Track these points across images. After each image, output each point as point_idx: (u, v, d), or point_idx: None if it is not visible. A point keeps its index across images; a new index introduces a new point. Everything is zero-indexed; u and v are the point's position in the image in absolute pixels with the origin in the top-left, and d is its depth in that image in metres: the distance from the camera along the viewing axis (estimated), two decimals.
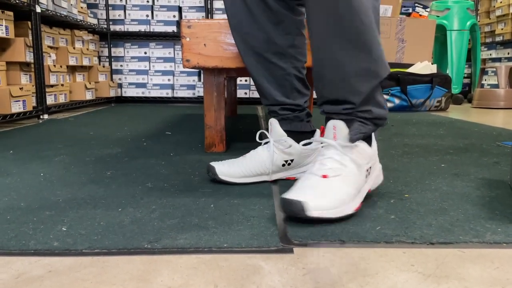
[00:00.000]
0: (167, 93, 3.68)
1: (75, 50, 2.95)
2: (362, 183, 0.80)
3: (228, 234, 0.68)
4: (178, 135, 1.78)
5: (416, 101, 2.87)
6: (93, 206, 0.83)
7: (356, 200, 0.77)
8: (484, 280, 0.55)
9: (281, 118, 1.02)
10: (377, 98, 0.82)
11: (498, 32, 3.82)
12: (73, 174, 1.09)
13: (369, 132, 0.82)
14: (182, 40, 1.25)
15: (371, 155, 0.82)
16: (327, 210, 0.72)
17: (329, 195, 0.73)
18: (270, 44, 0.98)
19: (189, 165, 1.19)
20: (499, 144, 1.55)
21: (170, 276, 0.56)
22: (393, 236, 0.68)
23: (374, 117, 0.82)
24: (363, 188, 0.80)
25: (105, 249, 0.63)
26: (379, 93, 0.82)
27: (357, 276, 0.56)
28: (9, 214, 0.78)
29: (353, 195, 0.76)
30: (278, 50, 0.98)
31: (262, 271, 0.57)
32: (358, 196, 0.78)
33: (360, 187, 0.79)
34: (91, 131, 1.90)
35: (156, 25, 3.58)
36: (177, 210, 0.80)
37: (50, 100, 2.63)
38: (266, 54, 0.99)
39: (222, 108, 1.37)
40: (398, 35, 3.15)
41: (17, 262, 0.60)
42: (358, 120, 0.81)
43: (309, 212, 0.70)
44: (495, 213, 0.79)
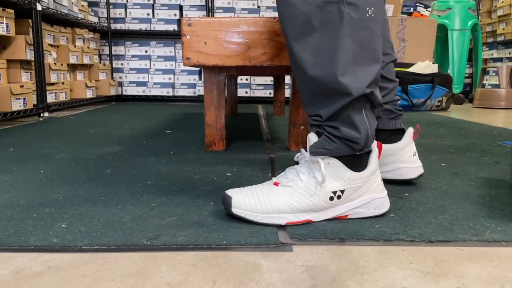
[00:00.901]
0: (167, 92, 3.68)
1: (75, 48, 2.95)
2: (317, 203, 0.73)
3: (227, 232, 0.68)
4: (178, 133, 1.78)
5: (417, 101, 2.86)
6: (92, 203, 0.83)
7: (297, 216, 0.72)
8: (482, 278, 0.55)
9: None
10: (350, 117, 0.72)
11: (500, 32, 3.82)
12: (73, 171, 1.09)
13: (336, 152, 0.73)
14: (183, 38, 1.25)
15: (352, 178, 0.74)
16: (252, 213, 0.72)
17: (262, 200, 0.73)
18: None
19: (189, 163, 1.19)
20: (499, 143, 1.55)
21: (169, 273, 0.56)
22: (392, 234, 0.68)
23: (342, 137, 0.72)
24: (325, 212, 0.74)
25: (104, 245, 0.63)
26: (354, 113, 0.72)
27: (356, 274, 0.56)
28: (9, 210, 0.78)
29: (296, 210, 0.72)
30: None
31: (261, 268, 0.57)
32: (306, 214, 0.73)
33: (314, 207, 0.73)
34: (91, 129, 1.90)
35: (157, 23, 3.58)
36: (176, 207, 0.81)
37: (51, 98, 2.63)
38: None
39: (223, 106, 1.37)
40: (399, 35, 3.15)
41: (16, 258, 0.60)
42: (325, 134, 0.74)
43: (233, 209, 0.73)
44: (494, 212, 0.79)
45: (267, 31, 1.24)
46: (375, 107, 0.75)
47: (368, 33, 0.70)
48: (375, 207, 0.76)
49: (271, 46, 1.25)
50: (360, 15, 0.69)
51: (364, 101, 0.73)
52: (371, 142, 0.75)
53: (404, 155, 0.94)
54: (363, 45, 0.71)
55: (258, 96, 3.66)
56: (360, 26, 0.70)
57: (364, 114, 0.73)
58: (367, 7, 0.70)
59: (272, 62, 1.25)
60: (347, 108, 0.72)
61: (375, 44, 0.72)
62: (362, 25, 0.70)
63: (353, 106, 0.72)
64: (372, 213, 0.76)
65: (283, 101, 2.58)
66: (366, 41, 0.71)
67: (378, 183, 0.77)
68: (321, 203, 0.73)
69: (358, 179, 0.74)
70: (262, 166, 1.16)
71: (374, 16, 0.70)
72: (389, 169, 0.96)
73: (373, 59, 0.72)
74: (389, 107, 0.97)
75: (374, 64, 0.72)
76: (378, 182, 0.77)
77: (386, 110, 0.97)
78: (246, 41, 1.25)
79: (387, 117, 0.97)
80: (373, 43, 0.71)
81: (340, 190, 0.74)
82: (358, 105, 0.72)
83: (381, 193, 0.77)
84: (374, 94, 0.72)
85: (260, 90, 3.65)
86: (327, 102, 0.73)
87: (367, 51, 0.71)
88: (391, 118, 0.97)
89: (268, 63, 1.25)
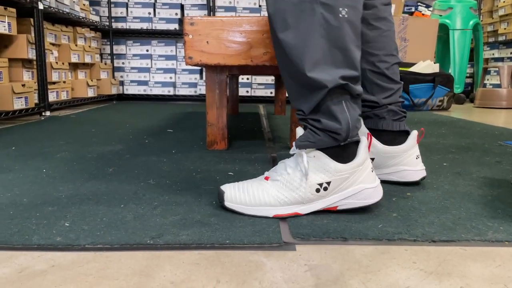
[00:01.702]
0: (168, 91, 3.68)
1: (77, 47, 2.95)
2: (304, 196, 0.74)
3: (230, 231, 0.69)
4: (180, 132, 1.78)
5: (418, 100, 2.86)
6: (95, 202, 0.83)
7: (285, 209, 0.75)
8: (485, 278, 0.55)
9: (363, 116, 1.00)
10: (329, 109, 0.74)
11: (501, 31, 3.81)
12: (75, 170, 1.09)
13: (320, 144, 0.75)
14: (185, 38, 1.25)
15: (338, 169, 0.75)
16: (242, 206, 0.76)
17: (251, 194, 0.76)
18: None
19: (190, 162, 1.19)
20: (501, 143, 1.55)
21: (172, 272, 0.56)
22: (395, 233, 0.68)
23: (324, 128, 0.74)
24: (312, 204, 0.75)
25: (107, 244, 0.63)
26: (334, 105, 0.74)
27: (359, 273, 0.56)
28: (12, 209, 0.78)
29: (283, 202, 0.74)
30: None
31: (264, 268, 0.57)
32: (293, 207, 0.75)
33: (301, 199, 0.75)
34: (93, 128, 1.90)
35: (158, 22, 3.58)
36: (179, 206, 0.81)
37: (52, 97, 2.63)
38: None
39: (224, 105, 1.37)
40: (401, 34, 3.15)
41: (20, 257, 0.60)
42: (309, 127, 0.76)
43: (226, 203, 0.77)
44: (497, 211, 0.79)
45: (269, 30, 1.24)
46: (355, 97, 0.76)
47: (340, 33, 0.72)
48: (365, 197, 0.77)
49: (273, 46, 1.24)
50: (333, 15, 0.71)
51: (342, 93, 0.74)
52: (354, 132, 0.76)
53: (408, 157, 0.94)
54: (336, 45, 0.72)
55: (259, 95, 3.65)
56: (333, 26, 0.71)
57: (344, 105, 0.75)
58: (341, 7, 0.71)
59: (274, 62, 1.25)
60: (325, 100, 0.74)
61: (349, 44, 0.73)
62: (335, 25, 0.71)
63: (332, 98, 0.74)
64: (362, 204, 0.77)
65: (284, 101, 2.58)
66: (338, 41, 0.72)
67: (368, 173, 0.77)
68: (308, 195, 0.75)
69: (345, 170, 0.75)
70: (264, 165, 1.16)
71: (347, 17, 0.72)
72: (392, 171, 0.96)
73: (346, 59, 0.73)
74: (393, 108, 0.97)
75: (349, 64, 0.73)
76: (367, 172, 0.77)
77: (390, 111, 0.97)
78: (248, 40, 1.25)
79: (392, 118, 0.97)
80: (346, 43, 0.72)
81: (326, 182, 0.75)
82: (336, 96, 0.74)
83: (371, 183, 0.77)
84: (351, 86, 0.74)
85: (261, 89, 3.65)
86: (307, 96, 0.75)
87: (340, 51, 0.72)
88: (395, 120, 0.97)
89: (270, 62, 1.25)
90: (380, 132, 0.97)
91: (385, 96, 0.97)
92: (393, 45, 0.97)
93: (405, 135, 0.97)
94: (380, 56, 0.96)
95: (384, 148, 0.95)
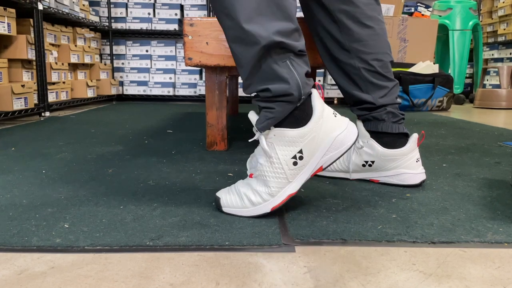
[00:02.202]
0: (168, 91, 3.68)
1: (76, 47, 2.95)
2: (287, 175, 0.74)
3: (229, 232, 0.69)
4: (180, 133, 1.78)
5: (418, 101, 2.86)
6: (95, 203, 0.83)
7: (278, 198, 0.74)
8: (485, 279, 0.55)
9: (363, 119, 1.00)
10: (274, 71, 0.72)
11: (501, 32, 3.82)
12: (75, 171, 1.09)
13: (279, 115, 0.73)
14: (185, 38, 1.25)
15: (301, 134, 0.74)
16: (239, 209, 0.76)
17: (244, 195, 0.76)
18: (335, 42, 0.97)
19: (190, 163, 1.19)
20: (500, 144, 1.55)
21: (172, 273, 0.56)
22: (394, 235, 0.68)
23: (276, 95, 0.72)
24: (298, 176, 0.75)
25: (107, 246, 0.63)
26: (277, 65, 0.71)
27: (359, 275, 0.56)
28: (11, 211, 0.78)
29: (274, 192, 0.74)
30: (342, 47, 0.97)
31: (264, 269, 0.57)
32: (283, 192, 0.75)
33: (286, 180, 0.74)
34: (93, 129, 1.90)
35: (157, 23, 3.58)
36: (178, 207, 0.81)
37: (52, 98, 2.63)
38: (335, 53, 0.98)
39: (224, 106, 1.37)
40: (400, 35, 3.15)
41: (19, 259, 0.60)
42: (262, 105, 0.75)
43: (224, 209, 0.78)
44: (496, 213, 0.79)
45: None
46: (298, 54, 0.74)
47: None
48: (341, 143, 0.75)
49: None
50: None
51: (283, 52, 0.72)
52: (306, 89, 0.74)
53: (408, 160, 0.95)
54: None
55: None
56: None
57: (289, 63, 0.73)
58: None
59: None
60: (266, 61, 0.72)
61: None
62: None
63: (274, 59, 0.72)
64: (341, 151, 0.76)
65: None
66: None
67: (332, 120, 0.76)
68: (289, 172, 0.74)
69: (308, 131, 0.74)
70: None
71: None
72: (392, 174, 0.96)
73: (282, 11, 0.71)
74: (391, 109, 0.97)
75: (284, 16, 0.71)
76: (331, 120, 0.76)
77: (389, 113, 0.97)
78: None
79: (391, 120, 0.97)
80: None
81: (297, 152, 0.74)
82: (278, 56, 0.72)
83: (340, 127, 0.76)
84: (288, 43, 0.71)
85: None
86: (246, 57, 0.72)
87: (273, 2, 0.70)
88: (395, 122, 0.97)
89: None
90: (380, 135, 0.97)
91: (381, 95, 0.96)
92: (385, 43, 0.97)
93: (405, 138, 0.97)
94: (373, 54, 0.96)
95: (384, 151, 0.95)
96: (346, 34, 0.95)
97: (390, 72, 0.98)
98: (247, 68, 0.74)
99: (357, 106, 1.00)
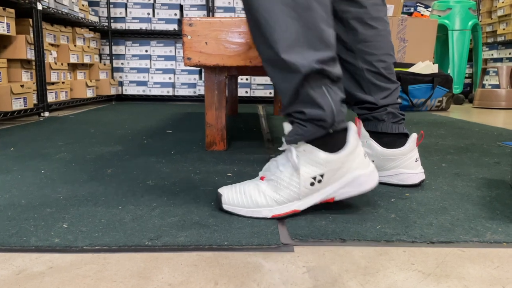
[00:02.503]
0: (167, 91, 3.68)
1: (76, 47, 2.95)
2: (299, 191, 0.74)
3: (228, 232, 0.68)
4: (179, 133, 1.78)
5: (417, 101, 2.86)
6: (93, 203, 0.83)
7: (282, 208, 0.75)
8: (484, 279, 0.55)
9: (363, 118, 1.00)
10: (310, 96, 0.72)
11: (500, 32, 3.82)
12: (74, 171, 1.09)
13: (309, 135, 0.74)
14: (184, 38, 1.25)
15: (329, 160, 0.74)
16: (240, 208, 0.76)
17: (248, 195, 0.76)
18: (339, 42, 0.97)
19: (189, 163, 1.19)
20: (499, 144, 1.55)
21: (170, 273, 0.56)
22: (393, 235, 0.68)
23: (310, 119, 0.73)
24: (308, 198, 0.75)
25: (106, 246, 0.63)
26: (313, 91, 0.72)
27: (357, 275, 0.56)
28: (10, 211, 0.78)
29: (280, 202, 0.75)
30: (347, 47, 0.97)
31: (263, 269, 0.57)
32: (290, 205, 0.75)
33: (296, 195, 0.74)
34: (92, 129, 1.90)
35: (157, 23, 3.58)
36: (177, 208, 0.81)
37: (51, 98, 2.63)
38: (339, 54, 0.98)
39: (223, 106, 1.37)
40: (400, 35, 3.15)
41: (18, 259, 0.60)
42: (296, 121, 0.75)
43: (224, 205, 0.77)
44: (495, 212, 0.79)
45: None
46: (335, 81, 0.75)
47: (310, 13, 0.70)
48: (360, 184, 0.76)
49: None
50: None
51: (320, 78, 0.72)
52: (340, 116, 0.75)
53: (407, 160, 0.95)
54: (307, 26, 0.70)
55: (259, 95, 3.66)
56: (300, 7, 0.70)
57: (325, 90, 0.73)
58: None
59: None
60: (304, 87, 0.72)
61: (320, 24, 0.71)
62: (303, 5, 0.70)
63: (310, 85, 0.72)
64: (358, 191, 0.76)
65: None
66: (309, 22, 0.70)
67: (361, 160, 0.76)
68: (303, 190, 0.75)
69: (336, 160, 0.74)
70: (262, 166, 1.16)
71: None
72: (391, 174, 0.96)
73: (321, 39, 0.71)
74: (392, 110, 0.97)
75: (323, 44, 0.72)
76: (360, 159, 0.76)
77: (389, 113, 0.97)
78: (247, 41, 1.24)
79: (391, 121, 0.97)
80: (317, 23, 0.71)
81: (319, 174, 0.74)
82: (315, 82, 0.72)
83: (365, 169, 0.76)
84: (328, 70, 0.72)
85: (260, 89, 3.65)
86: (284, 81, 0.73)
87: (312, 31, 0.70)
88: (395, 122, 0.97)
89: None
90: (380, 135, 0.97)
91: (383, 96, 0.96)
92: (389, 44, 0.97)
93: (404, 138, 0.97)
94: (377, 55, 0.96)
95: (384, 151, 0.95)
96: (351, 34, 0.95)
97: (393, 74, 0.98)
98: (286, 94, 0.74)
99: (358, 105, 1.00)
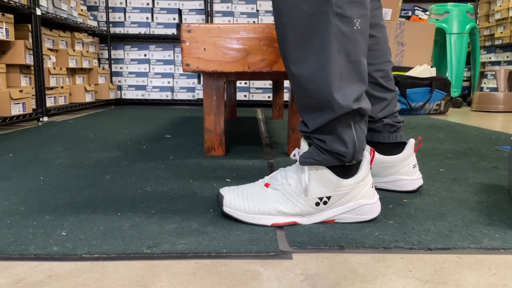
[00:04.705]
0: (166, 96, 3.68)
1: (75, 52, 2.95)
2: (303, 208, 0.74)
3: (227, 239, 0.69)
4: (178, 138, 1.78)
5: (416, 105, 2.87)
6: (92, 210, 0.83)
7: (283, 218, 0.75)
8: (481, 286, 0.55)
9: None
10: (337, 131, 0.72)
11: (498, 35, 3.83)
12: (73, 177, 1.09)
13: (324, 162, 0.73)
14: (182, 45, 1.26)
15: (339, 184, 0.74)
16: (241, 212, 0.76)
17: (251, 201, 0.76)
18: None
19: (188, 169, 1.19)
20: (497, 148, 1.55)
21: (169, 282, 0.56)
22: (391, 241, 0.68)
23: (331, 150, 0.73)
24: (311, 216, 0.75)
25: (104, 254, 0.64)
26: (342, 127, 0.72)
27: (356, 282, 0.56)
28: (9, 218, 0.78)
29: (282, 213, 0.74)
30: None
31: (261, 277, 0.57)
32: (292, 217, 0.75)
33: (300, 212, 0.75)
34: (91, 134, 1.90)
35: (156, 27, 3.58)
36: (176, 214, 0.81)
37: (50, 103, 2.63)
38: None
39: (222, 112, 1.37)
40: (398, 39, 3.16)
41: (17, 267, 0.60)
42: (314, 145, 0.75)
43: (224, 208, 0.77)
44: (493, 218, 0.79)
45: (266, 37, 1.25)
46: (364, 116, 0.74)
47: (354, 46, 0.69)
48: (362, 213, 0.76)
49: (270, 52, 1.25)
50: (349, 27, 0.68)
51: (353, 115, 0.72)
52: (360, 154, 0.75)
53: (405, 167, 0.95)
54: (349, 59, 0.69)
55: (257, 99, 3.66)
56: (347, 39, 0.68)
57: (352, 127, 0.73)
58: (355, 19, 0.68)
59: (271, 68, 1.26)
60: (333, 122, 0.71)
61: (361, 57, 0.70)
62: (349, 38, 0.68)
63: (341, 121, 0.71)
64: (358, 219, 0.77)
65: (282, 105, 2.59)
66: (352, 55, 0.69)
67: (368, 189, 0.77)
68: (307, 208, 0.75)
69: (346, 186, 0.75)
70: (261, 172, 1.16)
71: (360, 28, 0.69)
72: (389, 180, 0.96)
73: (358, 73, 0.71)
74: (389, 121, 0.96)
75: (360, 78, 0.71)
76: (367, 188, 0.77)
77: (386, 125, 0.96)
78: (245, 47, 1.25)
79: (388, 131, 0.96)
80: (359, 56, 0.70)
81: (326, 196, 0.75)
82: (346, 119, 0.72)
83: (370, 199, 0.77)
84: (362, 108, 0.72)
85: (259, 93, 3.66)
86: (315, 115, 0.72)
87: (353, 65, 0.69)
88: (392, 132, 0.97)
89: (267, 69, 1.26)
90: (377, 144, 0.97)
91: (380, 109, 0.96)
92: (387, 50, 0.96)
93: (402, 144, 0.97)
94: (376, 65, 0.95)
95: (381, 158, 0.95)
96: None
97: (391, 81, 0.97)
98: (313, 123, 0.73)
99: None
